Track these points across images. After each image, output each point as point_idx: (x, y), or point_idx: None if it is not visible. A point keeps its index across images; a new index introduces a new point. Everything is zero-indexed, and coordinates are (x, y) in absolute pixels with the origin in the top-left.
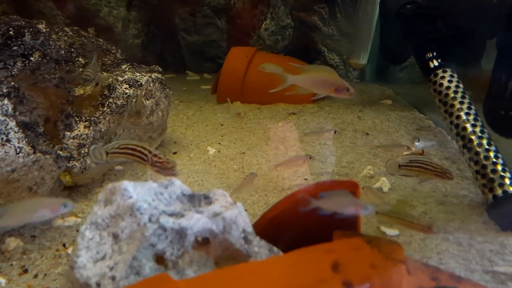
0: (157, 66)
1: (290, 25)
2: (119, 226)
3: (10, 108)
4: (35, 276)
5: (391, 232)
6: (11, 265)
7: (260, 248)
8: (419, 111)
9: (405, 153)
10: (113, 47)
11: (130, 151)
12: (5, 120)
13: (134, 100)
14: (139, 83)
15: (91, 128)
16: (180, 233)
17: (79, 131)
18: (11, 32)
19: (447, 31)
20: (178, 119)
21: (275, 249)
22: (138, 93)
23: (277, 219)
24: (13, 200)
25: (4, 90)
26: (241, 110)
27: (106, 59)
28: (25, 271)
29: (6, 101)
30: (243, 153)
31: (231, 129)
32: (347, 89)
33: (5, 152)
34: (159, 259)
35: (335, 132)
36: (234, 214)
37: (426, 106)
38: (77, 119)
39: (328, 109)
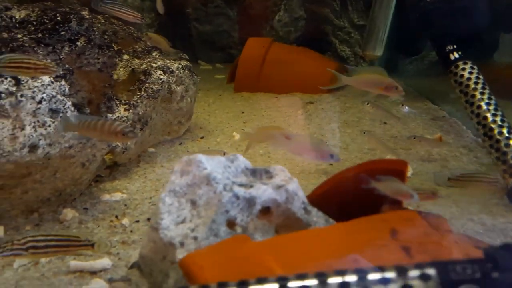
0: (184, 54)
1: (303, 16)
2: (197, 194)
3: (67, 89)
4: None
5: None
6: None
7: (318, 218)
8: (432, 102)
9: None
10: (143, 35)
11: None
12: (63, 99)
13: (166, 86)
14: (170, 69)
15: (131, 111)
16: (250, 202)
17: (120, 113)
18: (58, 18)
19: (466, 24)
20: (200, 106)
21: (331, 220)
22: (170, 79)
23: (326, 194)
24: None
25: (61, 72)
26: None
27: (137, 47)
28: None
29: (63, 82)
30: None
31: (252, 116)
32: (396, 87)
33: None
34: (230, 224)
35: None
36: (296, 187)
37: (439, 97)
38: (117, 102)
39: (343, 99)
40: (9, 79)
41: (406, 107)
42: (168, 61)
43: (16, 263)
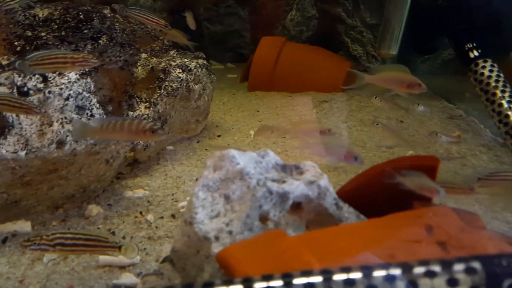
0: (201, 53)
1: (315, 16)
2: (230, 188)
3: (92, 86)
4: (123, 237)
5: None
6: (98, 228)
7: (349, 214)
8: (447, 101)
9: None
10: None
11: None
12: (89, 96)
13: (185, 84)
14: (189, 68)
15: (151, 108)
16: (283, 197)
17: (140, 111)
18: (81, 16)
19: (483, 21)
20: (214, 105)
21: (362, 216)
22: (189, 78)
23: (355, 191)
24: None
25: (87, 69)
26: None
27: (155, 45)
28: (113, 233)
29: (89, 79)
30: (284, 137)
31: (267, 115)
32: (419, 84)
33: None
34: (263, 218)
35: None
36: (327, 182)
37: (454, 96)
38: (138, 100)
39: (358, 97)
40: (37, 75)
41: (421, 106)
42: (186, 60)
43: (46, 258)
